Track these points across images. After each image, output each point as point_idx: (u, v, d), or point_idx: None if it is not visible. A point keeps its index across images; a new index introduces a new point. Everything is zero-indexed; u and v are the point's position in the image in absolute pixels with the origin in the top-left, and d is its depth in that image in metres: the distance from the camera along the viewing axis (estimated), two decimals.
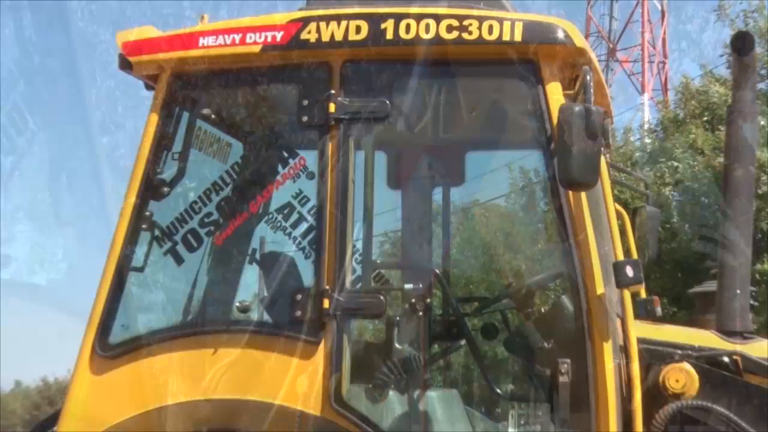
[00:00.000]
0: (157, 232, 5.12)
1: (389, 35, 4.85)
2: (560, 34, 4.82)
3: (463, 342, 5.51)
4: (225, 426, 4.86)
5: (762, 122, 13.55)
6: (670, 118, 20.99)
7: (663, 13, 47.14)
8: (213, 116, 5.32)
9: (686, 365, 4.79)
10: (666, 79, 43.59)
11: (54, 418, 5.16)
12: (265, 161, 5.28)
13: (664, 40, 47.22)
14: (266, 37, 4.98)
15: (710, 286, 5.69)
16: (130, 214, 5.05)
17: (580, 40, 4.91)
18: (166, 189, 5.12)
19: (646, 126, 25.24)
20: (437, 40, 4.82)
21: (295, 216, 5.12)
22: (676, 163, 18.38)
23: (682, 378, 4.76)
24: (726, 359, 4.85)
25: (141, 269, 5.09)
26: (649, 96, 41.33)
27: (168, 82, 5.13)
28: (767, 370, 4.81)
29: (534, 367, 5.17)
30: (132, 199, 5.06)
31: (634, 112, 33.72)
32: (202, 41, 5.06)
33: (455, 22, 4.82)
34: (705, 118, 19.20)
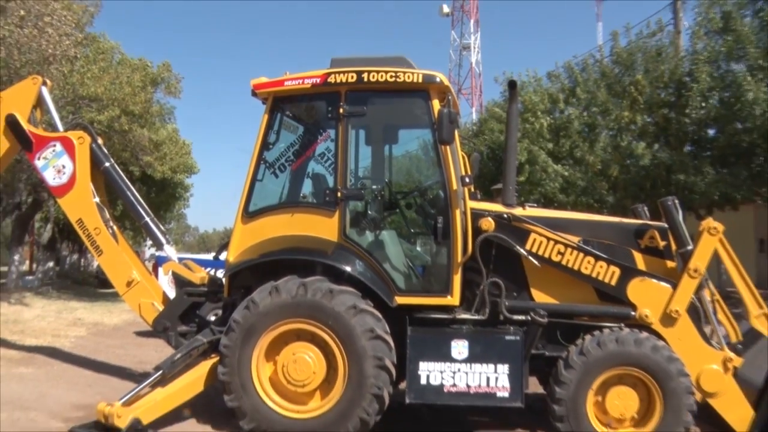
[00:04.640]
0: (267, 164, 4.99)
1: (366, 79, 4.72)
2: (438, 79, 4.72)
3: (397, 210, 5.48)
4: (295, 245, 4.81)
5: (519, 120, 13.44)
6: (483, 118, 20.83)
7: (480, 73, 47.47)
8: (291, 114, 5.16)
9: (489, 218, 4.78)
10: (482, 101, 43.47)
11: (227, 244, 5.12)
12: (312, 134, 5.13)
13: (480, 84, 47.60)
14: (312, 80, 4.83)
15: (499, 186, 5.65)
16: (257, 157, 4.94)
17: (447, 82, 4.81)
18: (271, 146, 5.00)
19: (473, 120, 25.09)
20: (385, 82, 4.71)
21: (326, 157, 4.99)
22: (485, 137, 18.31)
23: (487, 224, 4.76)
24: (505, 216, 4.84)
25: (261, 180, 4.98)
26: (475, 108, 41.44)
27: (272, 101, 4.97)
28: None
29: (427, 221, 5.15)
30: (257, 151, 4.93)
31: (468, 115, 33.81)
32: (286, 83, 4.90)
33: (392, 73, 4.70)
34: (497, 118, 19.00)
